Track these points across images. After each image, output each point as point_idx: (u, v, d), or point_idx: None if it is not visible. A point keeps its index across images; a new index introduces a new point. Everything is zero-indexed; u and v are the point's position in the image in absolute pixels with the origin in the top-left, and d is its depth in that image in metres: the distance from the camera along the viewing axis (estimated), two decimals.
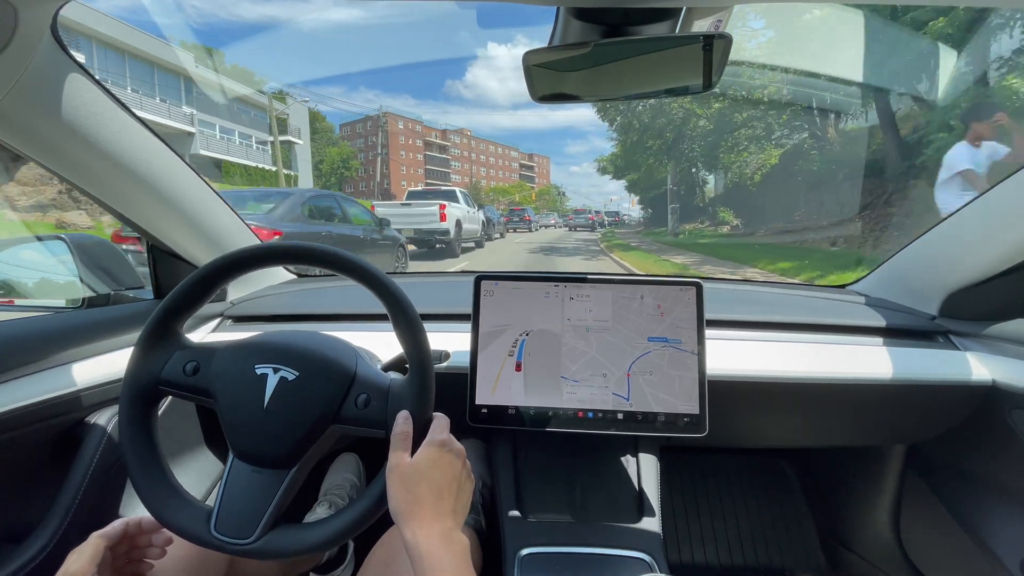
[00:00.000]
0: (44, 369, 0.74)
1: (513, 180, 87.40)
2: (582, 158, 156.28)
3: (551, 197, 79.41)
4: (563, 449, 0.90)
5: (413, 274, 1.45)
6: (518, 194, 69.00)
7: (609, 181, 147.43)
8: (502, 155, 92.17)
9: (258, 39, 64.68)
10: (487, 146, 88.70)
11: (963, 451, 0.97)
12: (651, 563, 0.74)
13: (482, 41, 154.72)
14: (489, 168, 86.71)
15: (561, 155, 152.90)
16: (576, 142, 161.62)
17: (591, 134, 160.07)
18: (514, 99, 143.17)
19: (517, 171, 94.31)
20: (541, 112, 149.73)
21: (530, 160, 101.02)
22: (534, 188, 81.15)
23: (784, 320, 0.97)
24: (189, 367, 0.58)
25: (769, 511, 1.37)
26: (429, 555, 0.47)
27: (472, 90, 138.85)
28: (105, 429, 0.79)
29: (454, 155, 75.42)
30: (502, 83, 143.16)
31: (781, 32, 11.78)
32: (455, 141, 77.64)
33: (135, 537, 0.58)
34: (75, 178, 0.77)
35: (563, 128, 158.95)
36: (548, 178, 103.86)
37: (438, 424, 0.57)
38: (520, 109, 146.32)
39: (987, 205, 0.85)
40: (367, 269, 0.58)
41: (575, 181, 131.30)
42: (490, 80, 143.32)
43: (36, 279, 1.20)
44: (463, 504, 0.55)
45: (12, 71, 0.57)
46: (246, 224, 1.09)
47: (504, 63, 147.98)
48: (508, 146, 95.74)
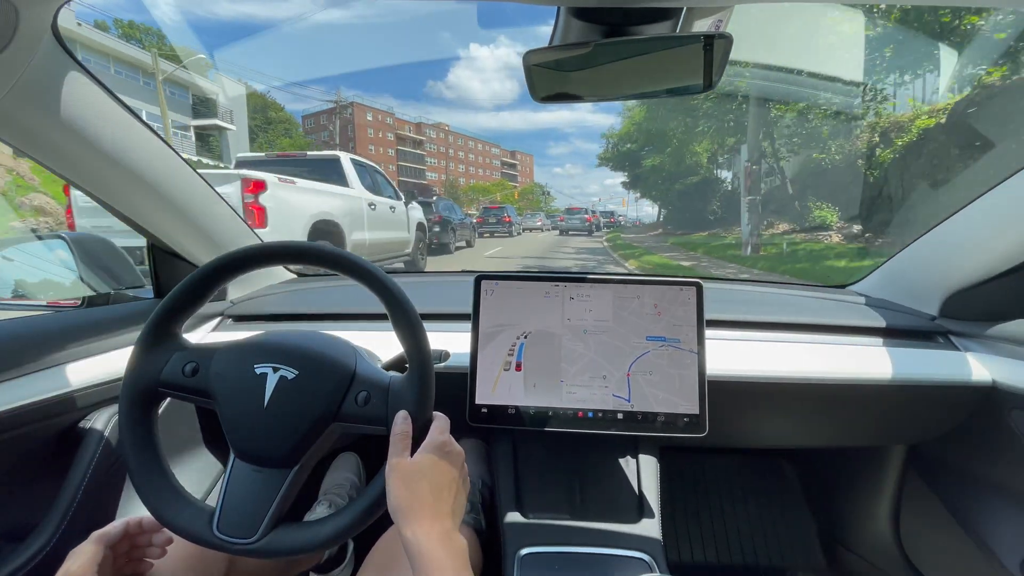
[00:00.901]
0: (44, 368, 0.74)
1: (494, 179, 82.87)
2: (564, 159, 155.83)
3: (535, 197, 73.39)
4: (563, 449, 0.90)
5: (413, 273, 1.45)
6: (499, 193, 61.93)
7: (591, 182, 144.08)
8: (483, 152, 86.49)
9: (231, 35, 60.57)
10: (466, 142, 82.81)
11: (963, 451, 0.97)
12: (651, 563, 0.74)
13: (464, 42, 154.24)
14: (468, 165, 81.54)
15: (543, 156, 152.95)
16: (558, 144, 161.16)
17: (573, 136, 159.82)
18: (496, 100, 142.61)
19: (499, 169, 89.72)
20: (523, 114, 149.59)
21: (512, 158, 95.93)
22: (517, 187, 74.98)
23: (784, 320, 0.97)
24: (188, 368, 0.58)
25: (769, 511, 1.37)
26: (429, 554, 0.47)
27: (454, 91, 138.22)
28: (105, 428, 0.79)
29: (430, 151, 70.11)
30: (484, 84, 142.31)
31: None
32: (431, 136, 71.56)
33: (135, 537, 0.58)
34: (76, 177, 0.77)
35: (545, 130, 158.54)
36: (532, 177, 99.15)
37: (438, 425, 0.57)
38: (502, 111, 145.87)
39: (987, 206, 0.85)
40: (367, 269, 0.58)
41: (558, 182, 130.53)
42: (472, 81, 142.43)
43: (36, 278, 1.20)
44: (461, 505, 0.55)
45: (13, 70, 0.57)
46: (247, 224, 1.09)
47: (487, 64, 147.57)
48: (489, 142, 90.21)
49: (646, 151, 20.35)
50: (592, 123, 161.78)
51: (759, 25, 8.21)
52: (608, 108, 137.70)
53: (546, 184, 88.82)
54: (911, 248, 1.01)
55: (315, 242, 0.60)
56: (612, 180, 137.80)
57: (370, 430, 0.57)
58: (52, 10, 0.57)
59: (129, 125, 0.77)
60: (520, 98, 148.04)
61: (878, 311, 1.00)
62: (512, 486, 0.86)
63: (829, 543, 1.30)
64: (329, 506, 1.04)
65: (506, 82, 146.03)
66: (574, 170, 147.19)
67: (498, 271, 0.84)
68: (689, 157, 15.25)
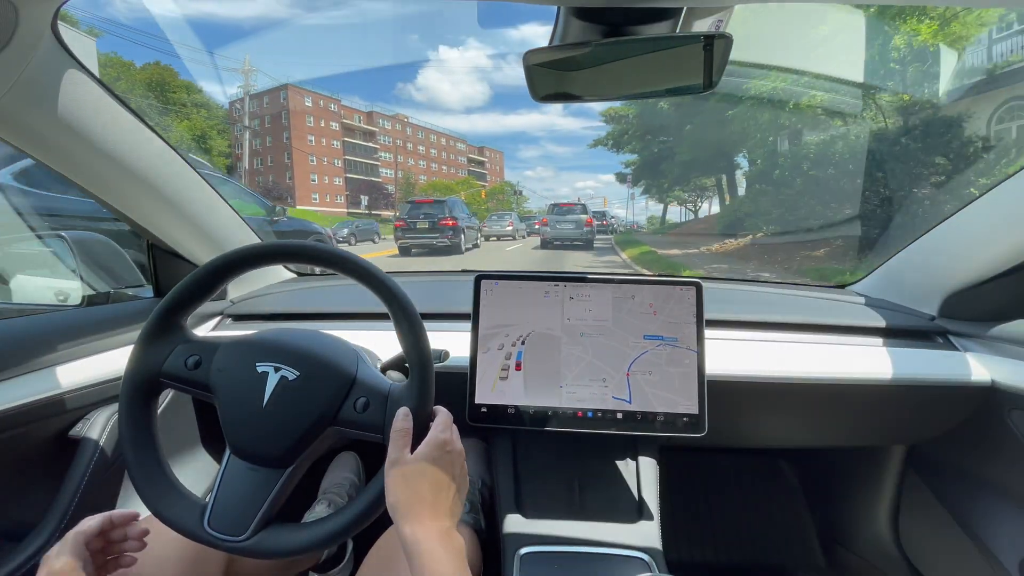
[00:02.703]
0: (44, 368, 0.74)
1: (460, 177, 72.47)
2: (535, 163, 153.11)
3: (506, 197, 62.15)
4: (563, 448, 0.90)
5: (413, 273, 1.45)
6: (464, 192, 50.42)
7: (562, 185, 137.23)
8: (447, 147, 75.59)
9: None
10: (427, 135, 71.77)
11: (962, 451, 0.97)
12: (650, 562, 0.74)
13: (433, 44, 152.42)
14: (431, 161, 71.09)
15: (514, 159, 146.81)
16: (529, 147, 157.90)
17: (543, 139, 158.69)
18: (467, 102, 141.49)
19: (465, 166, 79.09)
20: (493, 116, 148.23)
21: (481, 154, 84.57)
22: (485, 186, 64.95)
23: (784, 320, 0.98)
24: (191, 361, 0.58)
25: (769, 511, 1.37)
26: (428, 552, 0.47)
27: (424, 93, 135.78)
28: (105, 427, 0.79)
29: (384, 144, 59.31)
30: (454, 86, 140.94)
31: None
32: (385, 127, 61.06)
33: (107, 532, 0.56)
34: (76, 176, 0.77)
35: (516, 132, 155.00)
36: (502, 176, 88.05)
37: (441, 421, 0.57)
38: (472, 113, 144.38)
39: (987, 206, 0.85)
40: (367, 268, 0.58)
41: (529, 184, 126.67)
42: (443, 83, 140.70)
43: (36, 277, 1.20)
44: (460, 503, 0.55)
45: (13, 69, 0.57)
46: (247, 223, 1.09)
47: (456, 65, 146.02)
48: (454, 136, 78.61)
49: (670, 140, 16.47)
50: (562, 127, 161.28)
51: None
52: (579, 112, 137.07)
53: (518, 183, 76.14)
54: (911, 248, 1.01)
55: (316, 242, 0.60)
56: (583, 183, 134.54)
57: (366, 436, 0.57)
58: (52, 10, 0.57)
59: (129, 124, 0.77)
60: (492, 100, 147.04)
61: (878, 311, 1.00)
62: (512, 486, 0.86)
63: (828, 543, 1.30)
64: (328, 505, 1.04)
65: (475, 85, 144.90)
66: (545, 173, 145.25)
67: (498, 271, 0.84)
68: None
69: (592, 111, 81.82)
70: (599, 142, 22.84)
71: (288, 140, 44.17)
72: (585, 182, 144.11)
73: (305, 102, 46.14)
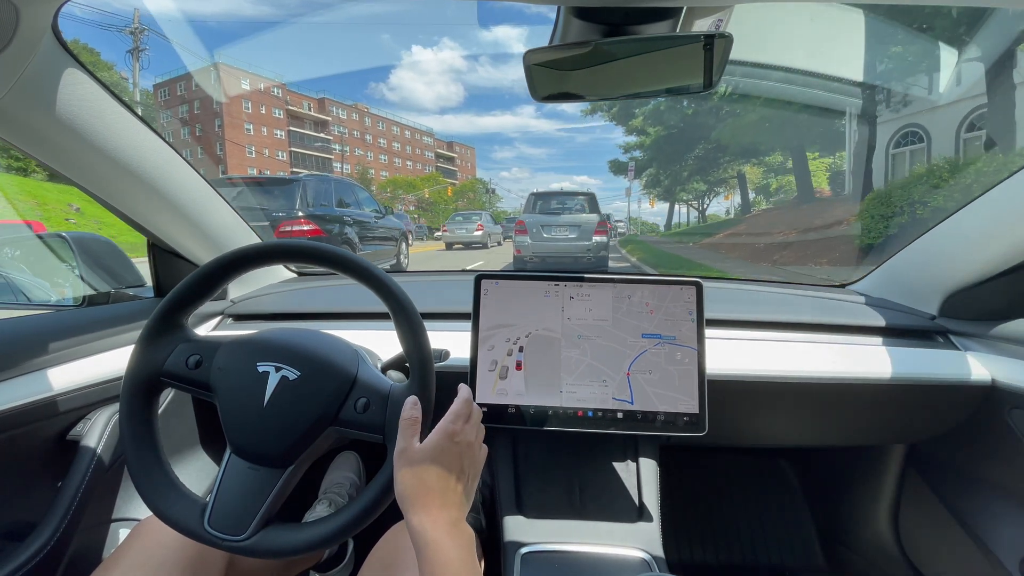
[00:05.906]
0: (44, 368, 0.74)
1: (427, 173, 64.95)
2: (511, 163, 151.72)
3: (476, 195, 53.63)
4: (563, 448, 0.90)
5: (414, 273, 1.45)
6: (428, 189, 46.33)
7: (536, 186, 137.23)
8: (412, 140, 68.19)
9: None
10: (390, 127, 63.92)
11: (963, 451, 0.97)
12: (650, 562, 0.74)
13: (406, 44, 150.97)
14: (394, 156, 63.86)
15: (488, 160, 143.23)
16: (503, 148, 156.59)
17: (517, 140, 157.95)
18: (441, 103, 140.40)
19: (432, 162, 71.90)
20: (467, 117, 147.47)
21: (450, 149, 76.24)
22: (453, 183, 56.25)
23: (784, 320, 0.98)
24: (192, 360, 0.58)
25: (769, 510, 1.38)
26: (436, 543, 0.46)
27: (397, 92, 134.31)
28: (105, 427, 0.79)
29: (338, 135, 51.24)
30: (428, 86, 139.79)
31: None
32: (340, 116, 53.15)
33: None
34: (76, 176, 0.77)
35: (491, 133, 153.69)
36: (473, 173, 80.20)
37: (453, 411, 0.55)
38: (447, 113, 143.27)
39: (987, 205, 0.85)
40: (368, 268, 0.58)
41: (504, 184, 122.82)
42: (416, 83, 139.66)
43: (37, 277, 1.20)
44: (470, 494, 0.54)
45: (13, 69, 0.57)
46: (247, 223, 1.09)
47: (430, 67, 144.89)
48: (421, 130, 70.76)
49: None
50: (535, 128, 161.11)
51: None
52: (552, 114, 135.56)
53: (490, 181, 66.61)
54: (911, 247, 1.01)
55: (318, 243, 0.60)
56: (558, 184, 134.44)
57: (366, 437, 0.57)
58: (52, 10, 0.57)
59: (129, 124, 0.77)
60: (465, 101, 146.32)
61: (878, 310, 1.00)
62: (512, 485, 0.86)
63: (829, 542, 1.30)
64: (329, 505, 1.04)
65: (449, 86, 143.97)
66: (521, 174, 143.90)
67: (498, 270, 0.84)
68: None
69: (571, 113, 78.99)
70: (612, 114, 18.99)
71: (220, 128, 37.73)
72: (559, 182, 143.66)
73: (242, 84, 39.05)
